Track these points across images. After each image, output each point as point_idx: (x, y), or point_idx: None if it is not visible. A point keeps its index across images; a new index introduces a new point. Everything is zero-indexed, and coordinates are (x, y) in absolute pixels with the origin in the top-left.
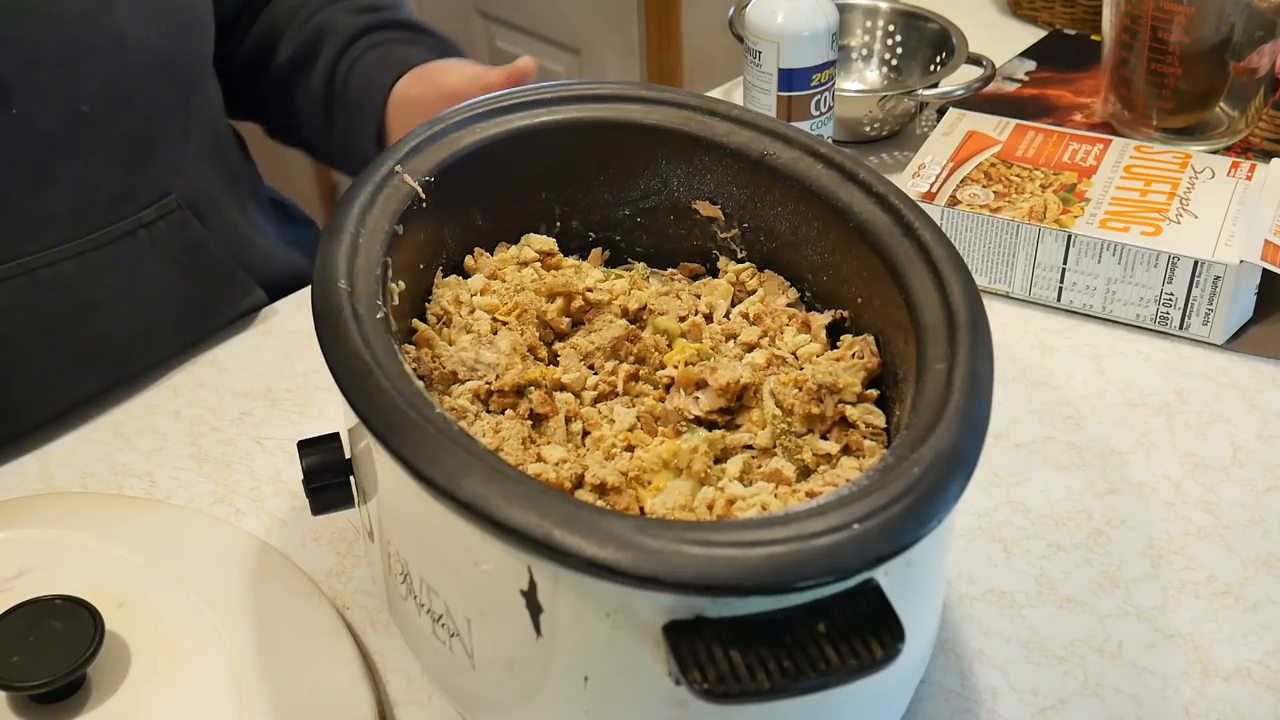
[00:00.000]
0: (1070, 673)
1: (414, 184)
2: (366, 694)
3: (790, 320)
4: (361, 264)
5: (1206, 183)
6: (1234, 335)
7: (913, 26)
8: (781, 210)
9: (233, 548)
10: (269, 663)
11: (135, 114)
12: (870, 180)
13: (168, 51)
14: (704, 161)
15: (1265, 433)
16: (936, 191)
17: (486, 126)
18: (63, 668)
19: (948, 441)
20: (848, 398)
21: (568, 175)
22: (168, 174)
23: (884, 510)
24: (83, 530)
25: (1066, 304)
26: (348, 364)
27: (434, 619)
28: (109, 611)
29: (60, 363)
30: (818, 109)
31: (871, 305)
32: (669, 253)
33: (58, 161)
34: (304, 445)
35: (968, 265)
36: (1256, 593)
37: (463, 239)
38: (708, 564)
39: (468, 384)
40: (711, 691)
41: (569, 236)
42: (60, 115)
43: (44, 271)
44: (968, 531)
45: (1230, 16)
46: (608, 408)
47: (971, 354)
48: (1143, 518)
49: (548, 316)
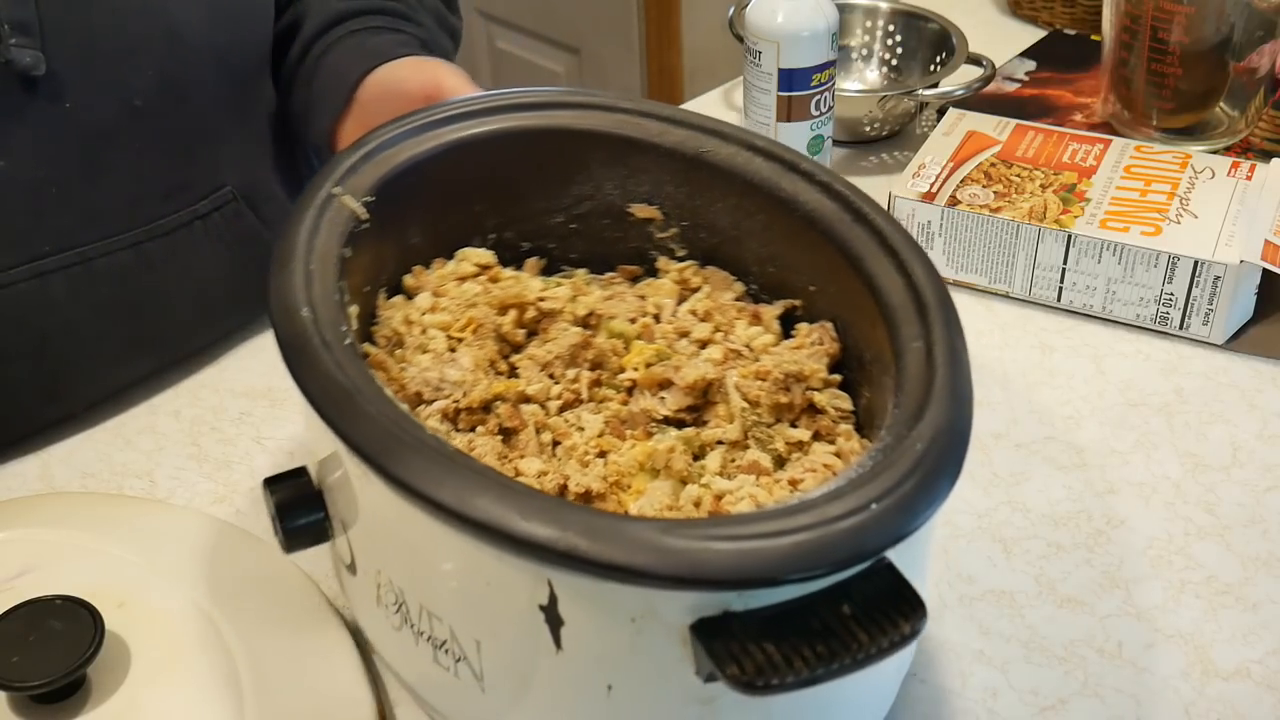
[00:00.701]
0: (1070, 673)
1: (356, 205)
2: (367, 694)
3: (740, 314)
4: (318, 291)
5: (1206, 183)
6: (1234, 335)
7: (913, 26)
8: (722, 206)
9: (233, 548)
10: (269, 663)
11: (190, 108)
12: (812, 170)
13: (222, 45)
14: (638, 163)
15: (1265, 433)
16: (936, 191)
17: (419, 141)
18: (63, 668)
19: (943, 417)
20: (814, 384)
21: (500, 186)
22: (223, 166)
23: (897, 488)
24: (83, 530)
25: (1066, 304)
26: (327, 392)
27: (435, 646)
28: (109, 611)
29: (114, 349)
30: (818, 109)
31: (826, 292)
32: (605, 257)
33: (111, 154)
34: (271, 482)
35: (924, 249)
36: (1256, 593)
37: (401, 258)
38: (739, 558)
39: (435, 404)
40: (752, 684)
41: (503, 247)
42: (114, 109)
43: (100, 261)
44: (968, 531)
45: (1230, 16)
46: (574, 416)
47: (946, 330)
48: (1143, 518)
49: (503, 330)
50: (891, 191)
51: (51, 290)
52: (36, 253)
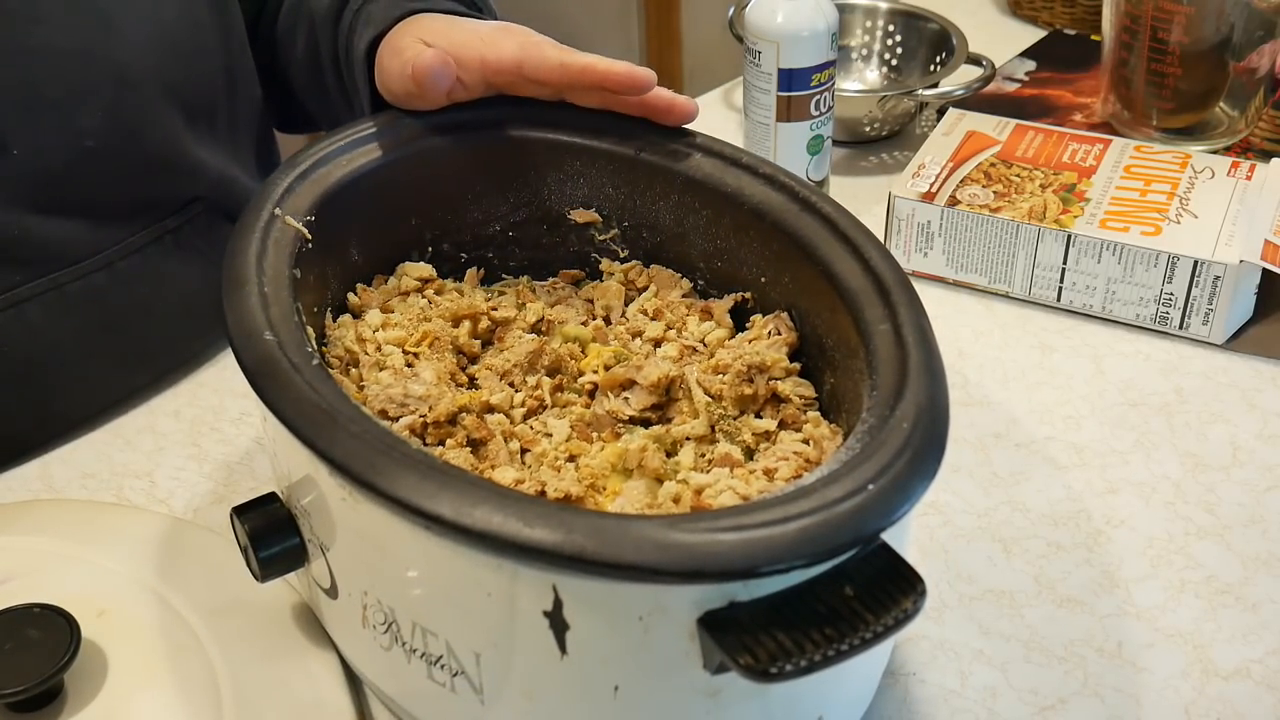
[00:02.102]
0: (1070, 672)
1: (298, 225)
2: (348, 704)
3: (690, 310)
4: (276, 313)
5: (1206, 183)
6: (1234, 335)
7: (912, 26)
8: (664, 204)
9: (216, 557)
10: (249, 672)
11: (145, 143)
12: (754, 163)
13: (175, 81)
14: (575, 167)
15: (1265, 433)
16: (936, 191)
17: (353, 158)
18: (37, 676)
19: (924, 394)
20: (776, 374)
21: (435, 198)
22: (190, 184)
23: (891, 467)
24: (66, 538)
25: (1066, 304)
26: (306, 415)
27: (430, 662)
28: (89, 620)
29: (104, 366)
30: (817, 109)
31: (779, 282)
32: (546, 262)
33: (66, 194)
34: (240, 511)
35: (876, 235)
36: (1256, 592)
37: (344, 277)
38: (747, 547)
39: (402, 420)
40: (766, 671)
41: (441, 260)
42: (63, 153)
43: (73, 285)
44: (967, 531)
45: (1230, 16)
46: (540, 422)
47: (911, 310)
48: (1142, 517)
49: (460, 341)
50: (891, 191)
51: (28, 318)
52: (7, 284)
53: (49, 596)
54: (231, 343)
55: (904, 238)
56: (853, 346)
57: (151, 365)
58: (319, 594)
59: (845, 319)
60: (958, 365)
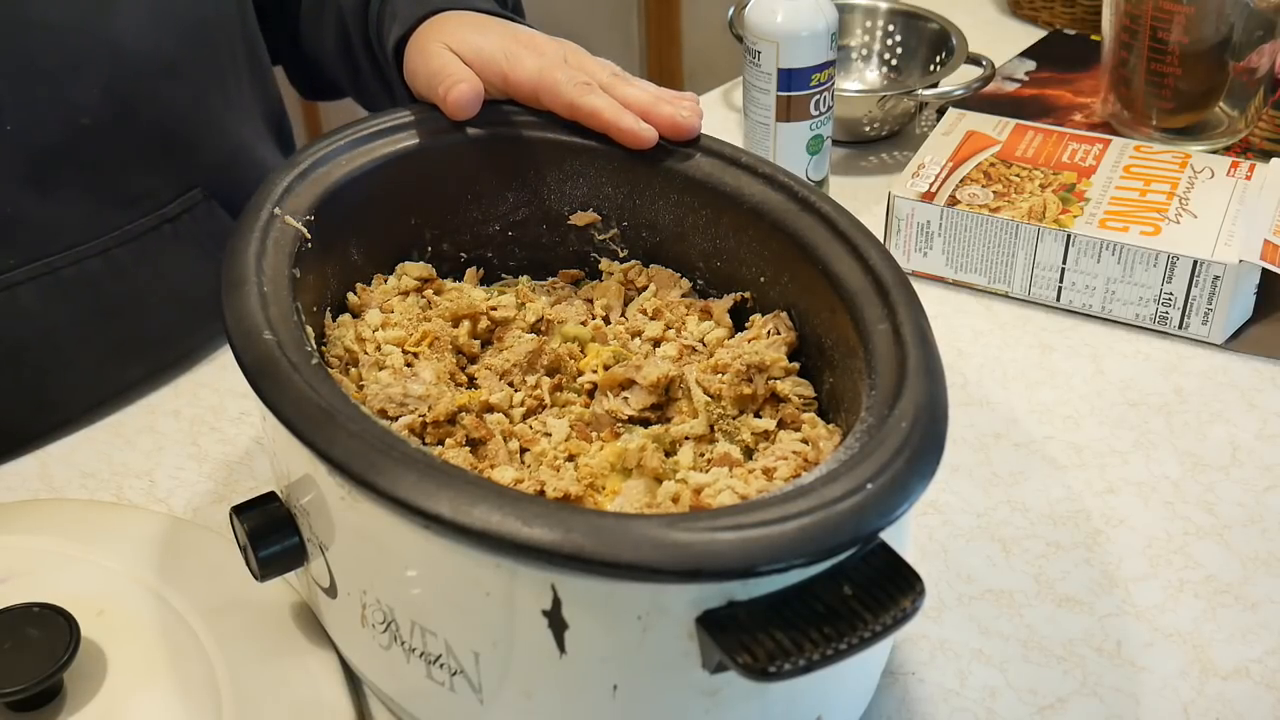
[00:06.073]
0: (1069, 672)
1: (298, 225)
2: (347, 704)
3: (690, 309)
4: (276, 313)
5: (1206, 182)
6: (1233, 335)
7: (912, 26)
8: (663, 204)
9: (216, 557)
10: (249, 671)
11: (144, 122)
12: (753, 163)
13: (173, 57)
14: (574, 166)
15: (1265, 432)
16: (936, 191)
17: (352, 158)
18: (36, 675)
19: (922, 394)
20: (775, 373)
21: (435, 198)
22: (189, 171)
23: (889, 466)
24: (66, 538)
25: (1066, 304)
26: (305, 414)
27: (429, 662)
28: (88, 619)
29: (97, 356)
30: (817, 109)
31: (778, 282)
32: (545, 262)
33: (63, 172)
34: (240, 510)
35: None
36: (1256, 592)
37: (343, 276)
38: (746, 546)
39: (401, 420)
40: (765, 670)
41: (441, 259)
42: (59, 129)
43: (68, 270)
44: (967, 531)
45: (1230, 16)
46: (539, 422)
47: (910, 309)
48: (1142, 517)
49: (460, 341)
50: (891, 191)
51: (22, 301)
52: (1, 265)
53: (48, 596)
54: (231, 342)
55: (904, 237)
56: (852, 346)
57: (147, 358)
58: (318, 593)
59: (844, 319)
60: (957, 365)
